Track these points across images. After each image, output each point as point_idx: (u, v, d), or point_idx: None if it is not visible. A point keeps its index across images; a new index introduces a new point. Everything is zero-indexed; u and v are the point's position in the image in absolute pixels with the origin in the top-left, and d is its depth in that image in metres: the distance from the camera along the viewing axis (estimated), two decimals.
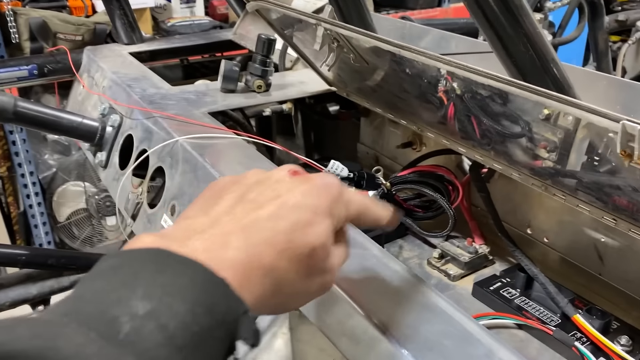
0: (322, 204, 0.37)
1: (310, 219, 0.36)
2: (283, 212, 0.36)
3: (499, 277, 0.77)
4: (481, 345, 0.43)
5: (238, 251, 0.33)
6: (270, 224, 0.35)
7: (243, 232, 0.34)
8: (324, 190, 0.38)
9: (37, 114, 0.89)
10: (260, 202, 0.36)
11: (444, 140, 0.76)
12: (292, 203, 0.36)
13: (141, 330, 0.27)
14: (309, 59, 0.91)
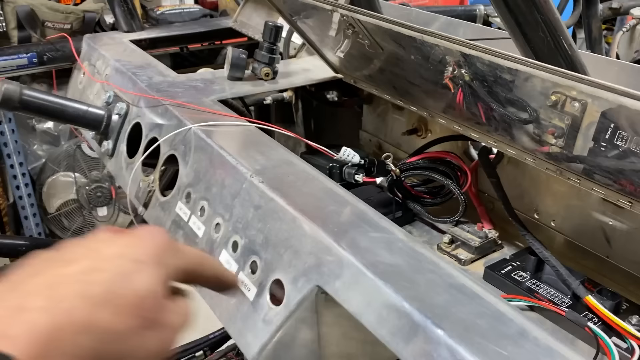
0: (147, 252, 0.34)
1: (134, 267, 0.33)
2: (100, 264, 0.32)
3: (510, 261, 0.78)
4: (514, 324, 0.44)
5: (38, 312, 0.28)
6: (83, 277, 0.31)
7: (47, 289, 0.30)
8: (149, 239, 0.35)
9: (43, 102, 0.88)
10: (72, 259, 0.32)
11: (455, 127, 0.76)
12: (112, 253, 0.33)
13: None
14: (317, 45, 0.91)
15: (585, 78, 0.46)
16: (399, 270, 0.50)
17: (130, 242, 0.34)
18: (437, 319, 0.44)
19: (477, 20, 1.46)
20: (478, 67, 0.59)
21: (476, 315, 0.45)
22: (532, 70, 0.49)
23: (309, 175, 0.68)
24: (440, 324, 0.44)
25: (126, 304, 0.31)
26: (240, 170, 0.68)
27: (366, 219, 0.58)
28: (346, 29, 0.68)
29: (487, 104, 0.68)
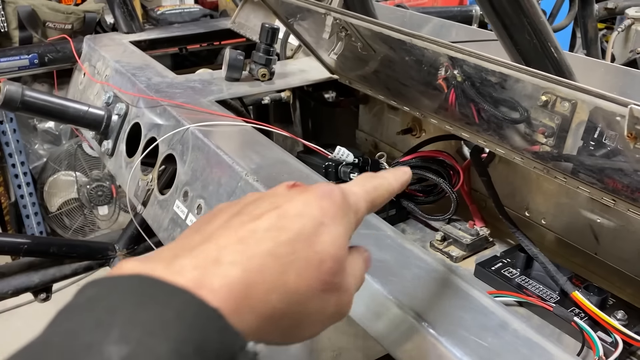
0: (327, 212, 0.34)
1: (316, 228, 0.33)
2: (284, 222, 0.32)
3: (500, 258, 0.80)
4: (495, 317, 0.46)
5: (233, 266, 0.29)
6: (271, 234, 0.31)
7: (239, 244, 0.30)
8: (327, 197, 0.35)
9: (45, 103, 0.90)
10: (258, 214, 0.32)
11: (447, 126, 0.78)
12: (294, 212, 0.33)
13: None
14: (312, 47, 0.92)
15: (563, 81, 0.48)
16: (387, 266, 0.52)
17: (310, 199, 0.34)
18: (422, 312, 0.46)
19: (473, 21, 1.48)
20: (466, 70, 0.61)
21: (459, 309, 0.47)
22: (515, 73, 0.51)
23: (302, 174, 0.70)
24: (424, 317, 0.45)
25: (309, 266, 0.32)
26: (235, 169, 0.70)
27: None
28: (339, 31, 0.70)
29: (479, 105, 0.70)
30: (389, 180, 0.41)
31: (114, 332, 0.24)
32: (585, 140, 0.61)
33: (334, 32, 0.69)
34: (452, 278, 0.50)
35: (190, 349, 0.25)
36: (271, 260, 0.30)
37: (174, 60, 1.85)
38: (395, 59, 0.70)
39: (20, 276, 1.28)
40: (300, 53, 1.14)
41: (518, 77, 0.52)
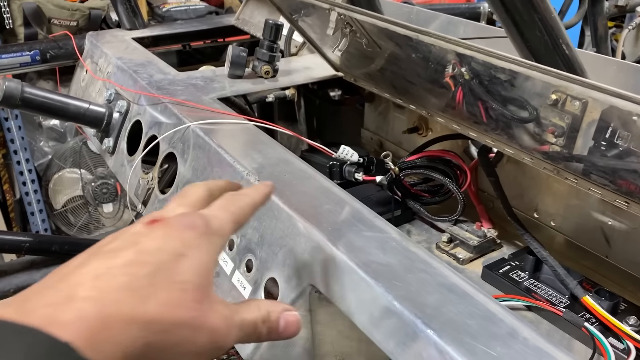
0: (188, 243, 0.34)
1: (177, 260, 0.33)
2: (143, 257, 0.32)
3: (508, 260, 0.78)
4: (504, 325, 0.44)
5: (86, 301, 0.29)
6: (129, 269, 0.31)
7: (95, 280, 0.30)
8: (189, 228, 0.35)
9: (45, 100, 0.88)
10: (115, 252, 0.33)
11: (454, 125, 0.76)
12: (153, 247, 0.33)
13: None
14: (317, 44, 0.91)
15: (577, 78, 0.46)
16: (391, 270, 0.50)
17: (169, 233, 0.35)
18: (427, 318, 0.44)
19: (481, 18, 1.46)
20: (474, 67, 0.59)
21: (466, 315, 0.45)
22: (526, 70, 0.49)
23: (305, 174, 0.68)
24: (430, 323, 0.44)
25: (171, 296, 0.32)
26: (237, 169, 0.69)
27: (361, 218, 0.58)
28: (344, 27, 0.68)
29: (487, 103, 0.68)
30: (251, 197, 0.42)
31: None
32: (596, 141, 0.59)
33: (339, 28, 0.68)
34: (458, 283, 0.48)
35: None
36: (128, 293, 0.30)
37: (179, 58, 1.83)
38: (401, 56, 0.68)
39: (22, 274, 1.27)
40: (304, 50, 1.12)
41: (529, 74, 0.50)
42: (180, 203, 0.40)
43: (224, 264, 0.65)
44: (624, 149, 0.53)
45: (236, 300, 0.63)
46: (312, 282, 0.54)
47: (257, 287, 0.60)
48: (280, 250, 0.59)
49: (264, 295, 0.59)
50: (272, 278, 0.59)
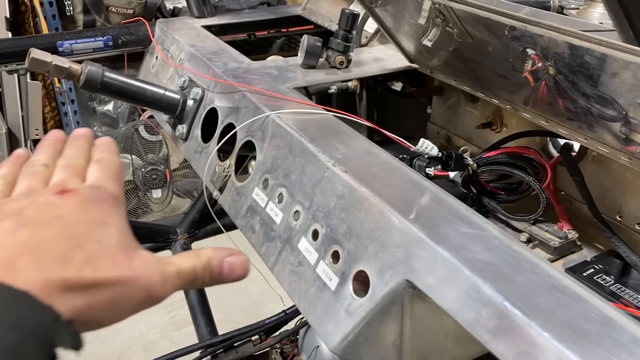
0: (104, 212, 0.38)
1: (100, 228, 0.37)
2: (71, 229, 0.36)
3: (591, 263, 0.75)
4: (626, 332, 0.42)
5: (30, 271, 0.32)
6: (61, 241, 0.35)
7: (32, 253, 0.33)
8: (101, 200, 0.39)
9: (123, 84, 0.89)
10: (43, 223, 0.36)
11: (542, 121, 0.74)
12: (77, 219, 0.37)
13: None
14: (393, 33, 0.89)
15: None
16: (497, 269, 0.48)
17: (85, 206, 0.38)
18: (543, 321, 0.42)
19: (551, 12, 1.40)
20: (580, 61, 0.56)
21: (583, 320, 0.43)
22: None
23: (392, 167, 0.67)
24: (546, 326, 0.42)
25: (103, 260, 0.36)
26: (321, 159, 0.68)
27: (458, 214, 0.56)
28: (436, 17, 0.66)
29: (578, 99, 0.65)
30: (115, 158, 0.46)
31: None
32: None
33: (431, 18, 0.66)
34: (570, 285, 0.46)
35: (5, 327, 0.29)
36: (65, 262, 0.34)
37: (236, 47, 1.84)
38: (494, 47, 0.66)
39: None
40: (375, 41, 1.11)
41: None
42: (63, 167, 0.43)
43: (307, 254, 0.65)
44: None
45: (321, 291, 0.62)
46: (407, 277, 0.53)
47: (345, 279, 0.59)
48: (371, 243, 0.58)
49: (352, 288, 0.59)
50: (362, 271, 0.58)
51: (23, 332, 0.29)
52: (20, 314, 0.30)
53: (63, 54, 1.13)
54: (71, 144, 0.46)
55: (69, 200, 0.38)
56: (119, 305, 0.36)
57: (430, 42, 0.67)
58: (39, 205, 0.37)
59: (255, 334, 1.33)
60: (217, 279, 0.42)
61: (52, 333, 0.30)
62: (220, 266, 0.41)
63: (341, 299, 0.59)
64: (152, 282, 0.37)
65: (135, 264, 0.37)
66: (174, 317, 2.33)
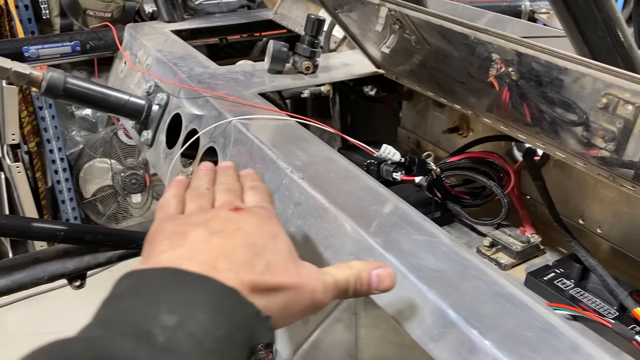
0: (274, 227, 0.44)
1: (273, 240, 0.42)
2: (251, 240, 0.41)
3: (552, 267, 0.75)
4: (566, 338, 0.42)
5: (228, 272, 0.37)
6: (245, 249, 0.40)
7: (226, 256, 0.38)
8: (270, 217, 0.45)
9: (86, 91, 0.89)
10: (229, 233, 0.41)
11: (501, 127, 0.74)
12: (255, 231, 0.42)
13: (174, 339, 0.30)
14: (359, 40, 0.89)
15: None
16: (444, 276, 0.48)
17: (259, 221, 0.43)
18: (484, 328, 0.43)
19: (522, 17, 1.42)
20: (532, 67, 0.57)
21: (525, 327, 0.43)
22: (594, 72, 0.47)
23: (350, 173, 0.67)
24: (487, 334, 0.42)
25: (278, 268, 0.40)
26: (280, 165, 0.68)
27: (409, 221, 0.56)
28: (393, 23, 0.66)
29: (536, 105, 0.65)
30: (264, 185, 0.53)
31: (162, 307, 0.32)
32: None
33: (388, 25, 0.66)
34: (515, 292, 0.47)
35: (221, 317, 0.33)
36: (251, 267, 0.39)
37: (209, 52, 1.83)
38: (451, 54, 0.66)
39: (56, 262, 1.28)
40: (344, 46, 1.11)
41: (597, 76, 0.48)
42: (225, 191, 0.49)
43: None
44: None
45: None
46: None
47: None
48: (325, 250, 0.58)
49: None
50: None
51: (233, 323, 0.33)
52: (231, 307, 0.34)
53: (29, 60, 1.12)
54: (224, 172, 0.53)
55: (244, 216, 0.43)
56: (290, 309, 0.40)
57: (389, 48, 0.68)
58: (221, 218, 0.43)
59: None
60: (367, 290, 0.45)
61: (254, 327, 0.34)
62: (369, 278, 0.44)
63: None
64: (316, 289, 0.41)
65: (302, 272, 0.41)
66: None
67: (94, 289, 2.33)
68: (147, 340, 0.30)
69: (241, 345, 0.33)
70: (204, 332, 0.31)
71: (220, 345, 0.32)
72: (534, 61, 0.53)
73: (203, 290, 0.34)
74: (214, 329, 0.32)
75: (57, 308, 2.25)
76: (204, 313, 0.32)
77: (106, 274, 2.56)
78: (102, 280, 2.52)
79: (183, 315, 0.32)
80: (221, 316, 0.33)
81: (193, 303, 0.33)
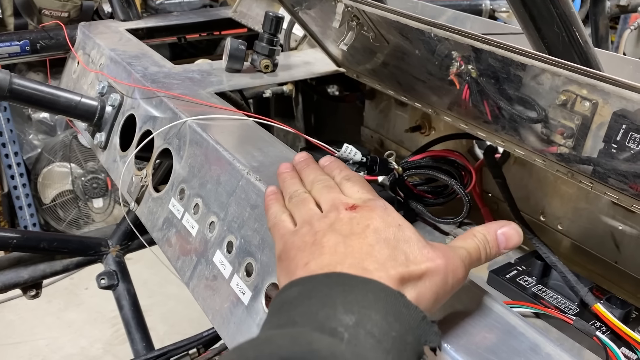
0: (393, 216, 0.43)
1: (399, 230, 0.42)
2: (382, 235, 0.40)
3: (514, 265, 0.75)
4: (525, 339, 0.41)
5: (378, 271, 0.37)
6: (382, 244, 0.40)
7: (369, 256, 0.38)
8: (385, 207, 0.44)
9: (34, 92, 0.84)
10: (359, 234, 0.40)
11: (461, 125, 0.73)
12: (381, 225, 0.41)
13: (357, 337, 0.31)
14: (319, 38, 0.87)
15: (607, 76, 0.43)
16: None
17: (379, 214, 0.43)
18: (443, 331, 0.41)
19: (482, 16, 1.43)
20: (489, 63, 0.56)
21: (484, 329, 0.42)
22: (550, 67, 0.46)
23: None
24: (446, 338, 0.41)
25: (417, 255, 0.40)
26: (236, 167, 0.65)
27: None
28: (350, 20, 0.65)
29: (495, 102, 0.65)
30: (354, 172, 0.53)
31: (339, 308, 0.33)
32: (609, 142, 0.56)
33: (345, 21, 0.64)
34: (473, 291, 0.46)
35: (393, 318, 0.33)
36: (394, 261, 0.39)
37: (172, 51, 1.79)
38: (409, 52, 0.65)
39: (9, 272, 1.23)
40: (305, 44, 1.09)
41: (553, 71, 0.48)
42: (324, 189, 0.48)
43: (222, 267, 0.62)
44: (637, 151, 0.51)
45: (234, 306, 0.60)
46: None
47: (258, 293, 0.57)
48: None
49: (264, 302, 0.56)
50: (274, 283, 0.56)
51: (403, 325, 0.34)
52: (399, 309, 0.34)
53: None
54: (308, 168, 0.53)
55: (364, 213, 0.43)
56: (440, 291, 0.39)
57: (346, 45, 0.66)
58: (344, 220, 0.42)
59: (193, 347, 1.29)
60: (497, 252, 0.45)
61: (422, 331, 0.34)
62: (496, 239, 0.45)
63: (254, 313, 0.57)
64: (457, 266, 0.41)
65: (439, 253, 0.40)
66: (118, 331, 2.24)
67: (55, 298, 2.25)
68: (335, 338, 0.31)
69: (412, 347, 0.33)
70: (381, 332, 0.32)
71: (395, 346, 0.32)
72: (491, 57, 0.52)
73: (372, 292, 0.35)
74: (389, 330, 0.33)
75: (17, 318, 2.17)
76: (377, 313, 0.33)
77: (67, 282, 2.49)
78: (63, 288, 2.43)
79: (359, 315, 0.32)
80: (392, 318, 0.33)
81: (366, 304, 0.33)
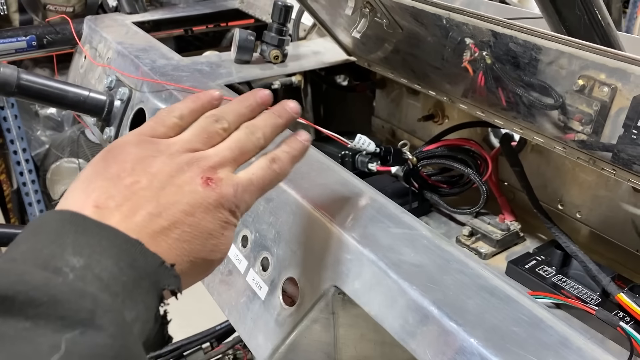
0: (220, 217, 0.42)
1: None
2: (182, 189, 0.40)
3: (533, 255, 0.74)
4: (555, 332, 0.40)
5: (144, 217, 0.37)
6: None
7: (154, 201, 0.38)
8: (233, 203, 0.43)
9: (42, 87, 0.83)
10: (152, 175, 0.40)
11: (478, 112, 0.72)
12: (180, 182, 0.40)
13: (84, 278, 0.31)
14: (329, 26, 0.86)
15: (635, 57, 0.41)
16: (425, 271, 0.46)
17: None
18: (469, 326, 0.40)
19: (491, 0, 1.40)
20: (508, 48, 0.54)
21: (512, 322, 0.41)
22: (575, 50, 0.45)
23: (323, 166, 0.63)
24: (472, 331, 0.40)
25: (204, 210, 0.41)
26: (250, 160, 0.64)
27: (387, 214, 0.53)
28: (363, 7, 0.63)
29: (511, 89, 0.63)
30: None
31: (68, 248, 0.32)
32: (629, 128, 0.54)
33: (358, 8, 0.63)
34: (500, 285, 0.44)
35: (125, 264, 0.34)
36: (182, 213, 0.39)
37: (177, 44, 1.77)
38: (425, 38, 0.63)
39: None
40: (313, 34, 1.07)
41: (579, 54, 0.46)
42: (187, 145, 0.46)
43: (237, 262, 0.61)
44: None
45: (251, 301, 0.59)
46: (335, 283, 0.50)
47: (275, 287, 0.56)
48: (299, 248, 0.55)
49: (281, 297, 0.55)
50: (291, 278, 0.55)
51: (137, 271, 0.34)
52: (134, 256, 0.35)
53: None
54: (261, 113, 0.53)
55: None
56: (196, 232, 0.39)
57: (359, 33, 0.64)
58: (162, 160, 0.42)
59: (206, 341, 1.28)
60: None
61: (159, 276, 0.35)
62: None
63: (271, 308, 0.56)
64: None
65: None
66: None
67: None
68: (58, 276, 0.31)
69: (148, 291, 0.35)
70: (110, 276, 0.33)
71: (126, 290, 0.33)
72: (511, 41, 0.51)
73: (107, 238, 0.35)
74: (120, 275, 0.33)
75: None
76: (108, 259, 0.33)
77: None
78: None
79: (89, 258, 0.33)
80: (125, 264, 0.34)
81: (98, 249, 0.34)
